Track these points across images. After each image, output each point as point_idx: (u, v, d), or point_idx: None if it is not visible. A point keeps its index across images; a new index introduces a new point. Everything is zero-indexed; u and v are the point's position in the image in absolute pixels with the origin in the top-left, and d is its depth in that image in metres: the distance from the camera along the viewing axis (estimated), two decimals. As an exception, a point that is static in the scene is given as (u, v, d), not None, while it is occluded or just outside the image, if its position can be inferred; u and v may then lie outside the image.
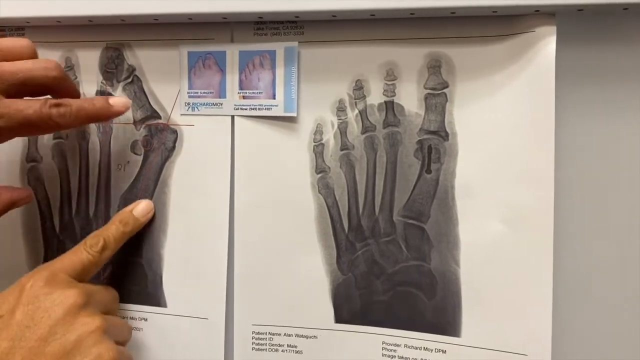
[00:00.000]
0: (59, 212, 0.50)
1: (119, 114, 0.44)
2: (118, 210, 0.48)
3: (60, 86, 0.42)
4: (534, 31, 0.40)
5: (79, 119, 0.41)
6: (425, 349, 0.44)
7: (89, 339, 0.37)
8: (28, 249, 0.50)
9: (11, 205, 0.43)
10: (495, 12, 0.40)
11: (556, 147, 0.40)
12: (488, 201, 0.42)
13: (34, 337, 0.35)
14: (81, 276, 0.41)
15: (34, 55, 0.42)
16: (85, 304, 0.38)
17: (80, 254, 0.41)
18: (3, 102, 0.39)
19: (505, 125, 0.41)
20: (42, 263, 0.49)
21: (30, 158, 0.50)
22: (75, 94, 0.44)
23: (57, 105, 0.40)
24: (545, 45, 0.40)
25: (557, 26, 0.40)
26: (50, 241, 0.50)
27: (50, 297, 0.37)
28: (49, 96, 0.42)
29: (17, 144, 0.50)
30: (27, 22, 0.47)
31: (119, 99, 0.44)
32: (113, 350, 0.37)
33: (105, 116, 0.44)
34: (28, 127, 0.40)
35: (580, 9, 0.39)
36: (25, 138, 0.50)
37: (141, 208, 0.47)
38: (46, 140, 0.50)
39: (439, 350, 0.43)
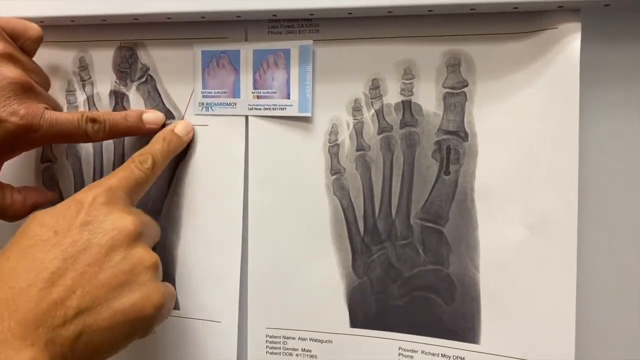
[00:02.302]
0: (73, 212, 0.50)
1: (151, 131, 0.45)
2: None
3: None
4: (557, 28, 0.39)
5: (111, 135, 0.44)
6: (443, 355, 0.42)
7: (143, 275, 0.35)
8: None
9: (35, 207, 0.44)
10: (517, 8, 0.39)
11: (580, 149, 0.39)
12: (509, 204, 0.41)
13: (88, 260, 0.33)
14: (134, 195, 0.39)
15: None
16: (142, 234, 0.36)
17: (132, 171, 0.39)
18: (47, 115, 0.41)
19: (527, 126, 0.40)
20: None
21: (45, 158, 0.50)
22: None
23: (93, 121, 0.42)
24: (569, 43, 0.38)
25: (581, 22, 0.38)
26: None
27: (110, 218, 0.35)
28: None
29: (32, 144, 0.50)
30: (42, 22, 0.47)
31: (152, 115, 0.46)
32: (161, 292, 0.35)
33: (137, 133, 0.45)
34: (63, 139, 0.44)
35: (606, 4, 0.38)
36: (40, 138, 0.50)
37: (181, 126, 0.45)
38: (61, 140, 0.50)
39: (457, 358, 0.42)
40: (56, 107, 0.45)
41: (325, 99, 0.44)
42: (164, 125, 0.47)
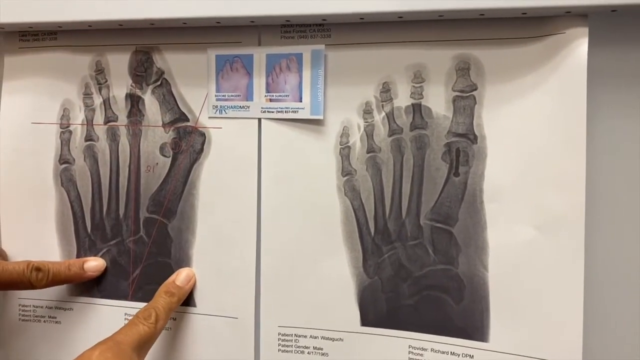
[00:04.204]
0: (90, 212, 0.51)
1: (91, 277, 0.50)
2: (147, 211, 0.49)
3: None
4: (564, 33, 0.40)
5: (54, 282, 0.48)
6: (453, 353, 0.43)
7: None
8: (61, 248, 0.52)
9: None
10: (525, 13, 0.40)
11: (588, 151, 0.40)
12: (517, 205, 0.42)
13: None
14: (141, 349, 0.41)
15: None
16: None
17: (137, 326, 0.42)
18: None
19: (536, 129, 0.41)
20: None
21: (63, 160, 0.51)
22: None
23: (37, 269, 0.46)
24: (577, 47, 0.39)
25: (589, 27, 0.39)
26: (82, 240, 0.51)
27: None
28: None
29: (50, 146, 0.51)
30: (59, 27, 0.48)
31: (93, 263, 0.49)
32: None
33: (78, 280, 0.50)
34: (7, 287, 0.47)
35: (613, 9, 0.38)
36: (59, 140, 0.51)
37: (182, 277, 0.48)
38: (78, 142, 0.51)
39: (466, 355, 0.43)
40: (4, 258, 0.51)
41: (337, 102, 0.45)
42: (178, 138, 0.48)
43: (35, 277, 0.46)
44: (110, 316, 0.50)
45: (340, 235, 0.46)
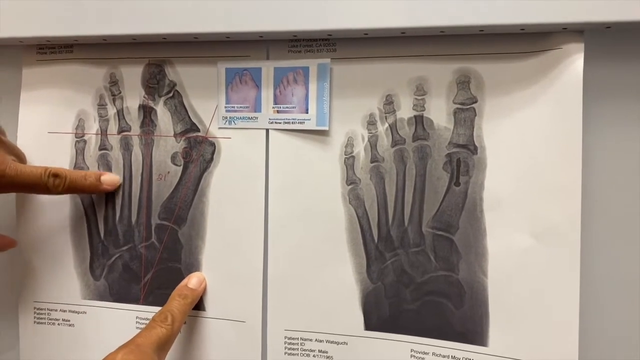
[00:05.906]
0: (103, 218, 0.53)
1: (106, 190, 0.51)
2: (159, 218, 0.51)
3: None
4: (561, 48, 0.41)
5: (70, 190, 0.49)
6: (453, 357, 0.45)
7: None
8: (75, 253, 0.53)
9: None
10: (523, 29, 0.41)
11: (583, 162, 0.41)
12: (516, 214, 0.43)
13: None
14: (160, 350, 0.43)
15: None
16: None
17: (155, 329, 0.43)
18: (13, 165, 0.46)
19: (534, 140, 0.42)
20: (88, 267, 0.52)
21: (78, 168, 0.53)
22: None
23: (55, 175, 0.47)
24: (573, 62, 0.41)
25: (585, 43, 0.40)
26: (95, 246, 0.53)
27: None
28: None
29: (65, 154, 0.53)
30: (75, 40, 0.50)
31: (109, 177, 0.51)
32: None
33: (94, 191, 0.51)
34: (24, 189, 0.48)
35: (608, 26, 0.40)
36: (74, 149, 0.53)
37: (194, 281, 0.49)
38: (92, 151, 0.52)
39: (466, 359, 0.44)
40: (23, 161, 0.51)
41: (342, 114, 0.47)
42: (189, 147, 0.50)
43: (52, 183, 0.47)
44: (122, 319, 0.52)
45: (344, 242, 0.47)
